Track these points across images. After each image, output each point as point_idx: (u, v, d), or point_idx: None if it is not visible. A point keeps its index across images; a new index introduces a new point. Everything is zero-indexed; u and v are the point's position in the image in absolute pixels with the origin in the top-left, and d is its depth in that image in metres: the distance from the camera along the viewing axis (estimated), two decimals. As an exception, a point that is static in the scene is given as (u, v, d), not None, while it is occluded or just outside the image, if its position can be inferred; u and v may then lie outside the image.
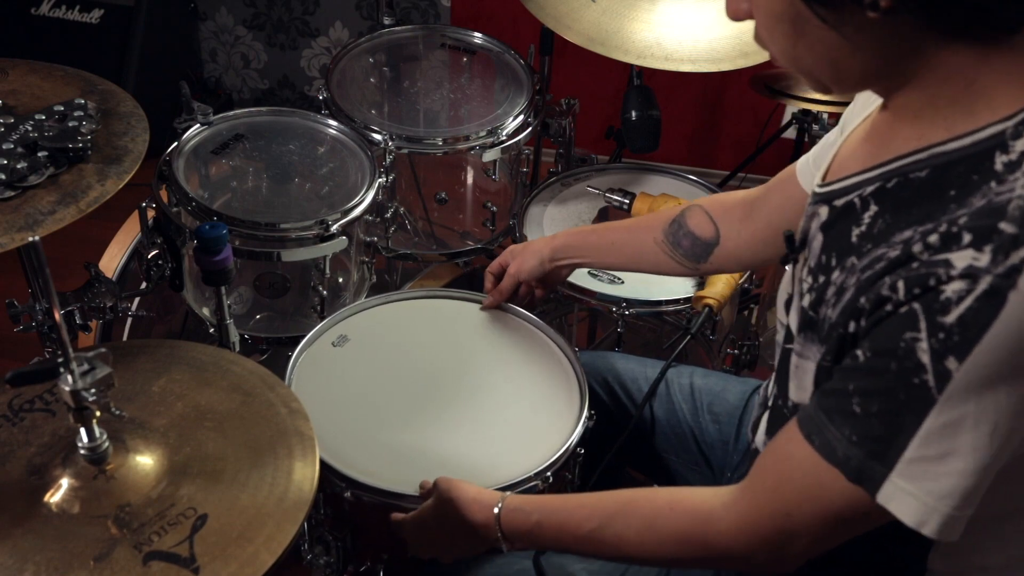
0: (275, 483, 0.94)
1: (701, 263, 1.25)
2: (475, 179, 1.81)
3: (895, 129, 0.81)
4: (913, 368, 0.71)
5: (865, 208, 0.81)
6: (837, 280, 0.82)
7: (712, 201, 1.26)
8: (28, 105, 1.24)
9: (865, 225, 0.80)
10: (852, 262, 0.80)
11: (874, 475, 0.75)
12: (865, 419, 0.75)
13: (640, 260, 1.32)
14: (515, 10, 1.94)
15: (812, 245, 0.89)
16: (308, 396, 1.12)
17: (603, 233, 1.35)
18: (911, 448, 0.73)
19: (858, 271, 0.78)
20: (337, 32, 3.00)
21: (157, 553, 0.86)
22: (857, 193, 0.83)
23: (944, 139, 0.75)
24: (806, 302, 0.87)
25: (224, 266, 1.25)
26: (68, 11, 2.79)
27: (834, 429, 0.77)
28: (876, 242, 0.78)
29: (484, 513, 1.02)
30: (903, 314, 0.71)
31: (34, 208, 1.09)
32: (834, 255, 0.84)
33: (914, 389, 0.71)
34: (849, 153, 0.91)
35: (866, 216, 0.81)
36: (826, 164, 0.94)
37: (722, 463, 1.26)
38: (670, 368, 1.33)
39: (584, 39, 1.58)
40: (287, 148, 1.58)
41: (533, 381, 1.30)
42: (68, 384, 0.84)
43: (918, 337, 0.70)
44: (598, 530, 0.94)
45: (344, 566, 1.24)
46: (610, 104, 2.40)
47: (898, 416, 0.73)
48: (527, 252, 1.37)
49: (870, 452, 0.75)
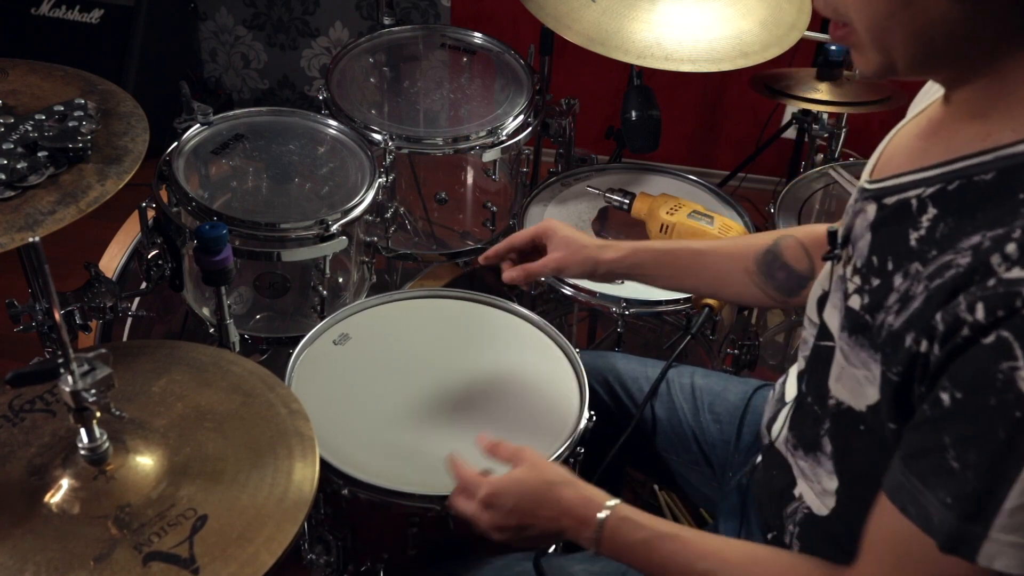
0: (275, 483, 0.94)
1: (792, 297, 1.18)
2: (475, 179, 1.81)
3: (957, 127, 0.78)
4: (1015, 401, 0.65)
5: (923, 210, 0.78)
6: (900, 287, 0.78)
7: (806, 233, 1.19)
8: (28, 105, 1.24)
9: (925, 229, 0.77)
10: (916, 268, 0.76)
11: (969, 538, 0.69)
12: (961, 474, 0.69)
13: (722, 288, 1.24)
14: (515, 10, 1.94)
15: (858, 244, 0.86)
16: (308, 395, 1.12)
17: (680, 255, 1.23)
18: (1012, 496, 0.67)
19: (924, 279, 0.75)
20: (337, 32, 3.00)
21: (157, 554, 0.86)
22: (914, 194, 0.79)
23: (1012, 140, 0.72)
24: (856, 303, 0.84)
25: (224, 266, 1.25)
26: (68, 11, 2.79)
27: (929, 494, 0.71)
28: (941, 248, 0.74)
29: (588, 512, 0.97)
30: (992, 343, 0.66)
31: (34, 208, 1.09)
32: (890, 258, 0.80)
33: (1018, 425, 0.65)
34: (901, 149, 0.87)
35: (924, 219, 0.77)
36: (874, 160, 0.91)
37: (723, 463, 1.26)
38: (671, 368, 1.33)
39: (584, 39, 1.58)
40: (287, 148, 1.58)
41: (533, 380, 1.30)
42: (68, 385, 0.85)
43: (1016, 366, 0.65)
44: (711, 572, 0.91)
45: (344, 566, 1.24)
46: (610, 104, 2.40)
47: (998, 462, 0.67)
48: (578, 254, 1.22)
49: (963, 514, 0.69)
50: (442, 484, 1.12)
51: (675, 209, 1.60)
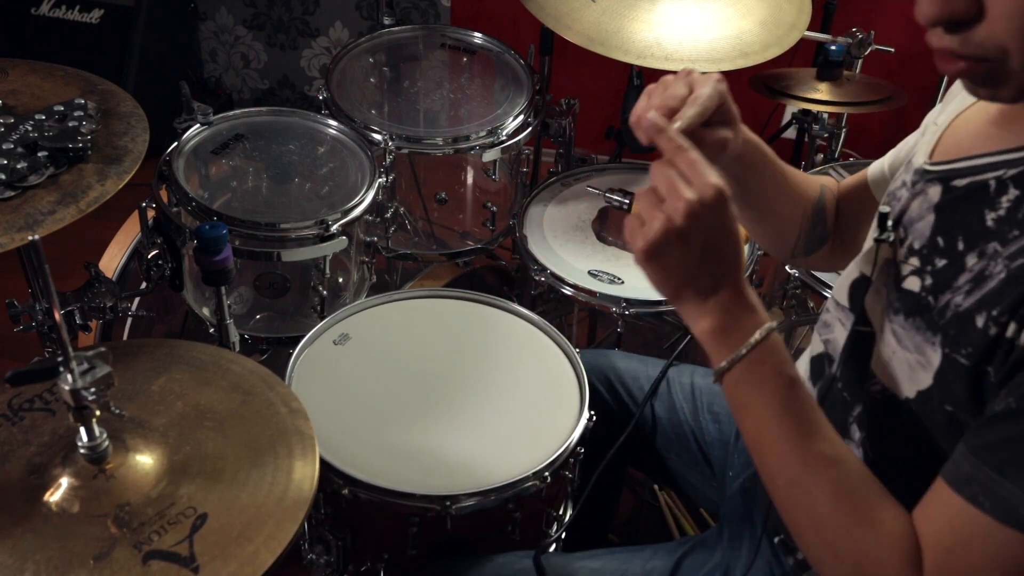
0: (275, 482, 0.94)
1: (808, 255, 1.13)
2: (475, 179, 1.81)
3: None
4: None
5: (1002, 191, 0.78)
6: (974, 267, 0.77)
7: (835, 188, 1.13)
8: (28, 105, 1.24)
9: (1005, 210, 0.77)
10: (994, 248, 0.76)
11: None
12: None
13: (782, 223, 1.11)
14: (515, 10, 1.94)
15: (915, 225, 0.85)
16: (308, 395, 1.12)
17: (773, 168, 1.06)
18: None
19: (1004, 258, 0.75)
20: (337, 32, 3.00)
21: (157, 552, 0.86)
22: (993, 175, 0.79)
23: None
24: (914, 285, 0.83)
25: (224, 266, 1.25)
26: (68, 11, 2.79)
27: (1011, 485, 0.70)
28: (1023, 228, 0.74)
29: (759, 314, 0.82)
30: None
31: (34, 208, 1.09)
32: (960, 238, 0.80)
33: None
34: (969, 134, 0.86)
35: (1004, 200, 0.77)
36: (930, 143, 0.90)
37: (722, 462, 1.25)
38: (671, 367, 1.33)
39: (584, 39, 1.58)
40: (287, 148, 1.58)
41: (533, 380, 1.30)
42: (68, 383, 0.85)
43: None
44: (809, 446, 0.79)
45: (344, 566, 1.24)
46: (610, 104, 2.40)
47: None
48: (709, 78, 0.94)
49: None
50: (442, 484, 1.12)
51: (675, 209, 1.59)
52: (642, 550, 1.14)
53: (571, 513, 1.29)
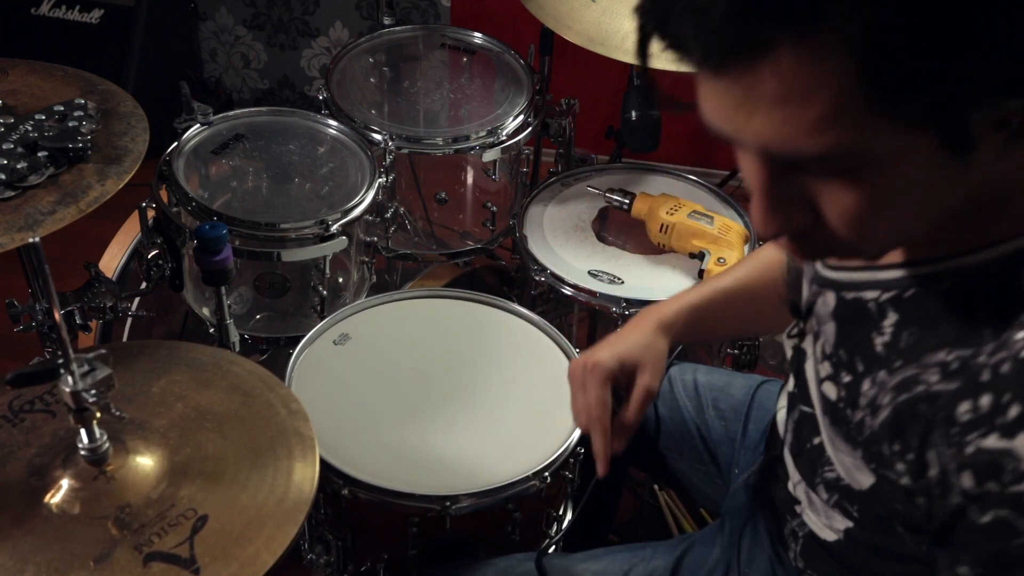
0: (275, 483, 0.94)
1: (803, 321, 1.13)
2: (475, 179, 1.81)
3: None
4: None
5: (882, 315, 0.74)
6: (868, 392, 0.75)
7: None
8: (28, 105, 1.24)
9: (889, 335, 0.73)
10: (883, 377, 0.73)
11: None
12: None
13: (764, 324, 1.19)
14: (515, 10, 1.93)
15: (824, 328, 0.83)
16: (308, 395, 1.12)
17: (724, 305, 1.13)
18: None
19: (890, 390, 0.71)
20: (337, 32, 3.00)
21: (157, 554, 0.86)
22: (871, 297, 0.75)
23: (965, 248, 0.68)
24: (831, 393, 0.81)
25: (224, 266, 1.25)
26: (68, 11, 2.78)
27: None
28: (907, 359, 0.70)
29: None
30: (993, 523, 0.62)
31: (34, 208, 1.09)
32: (859, 359, 0.76)
33: None
34: None
35: (886, 324, 0.73)
36: None
37: (729, 460, 1.25)
38: (673, 365, 1.33)
39: (584, 39, 1.58)
40: (287, 148, 1.58)
41: (533, 380, 1.30)
42: (68, 385, 0.85)
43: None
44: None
45: (344, 566, 1.24)
46: (610, 104, 2.39)
47: None
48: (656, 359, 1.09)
49: None
50: (442, 484, 1.12)
51: (675, 209, 1.59)
52: (643, 548, 1.14)
53: (571, 516, 1.29)
